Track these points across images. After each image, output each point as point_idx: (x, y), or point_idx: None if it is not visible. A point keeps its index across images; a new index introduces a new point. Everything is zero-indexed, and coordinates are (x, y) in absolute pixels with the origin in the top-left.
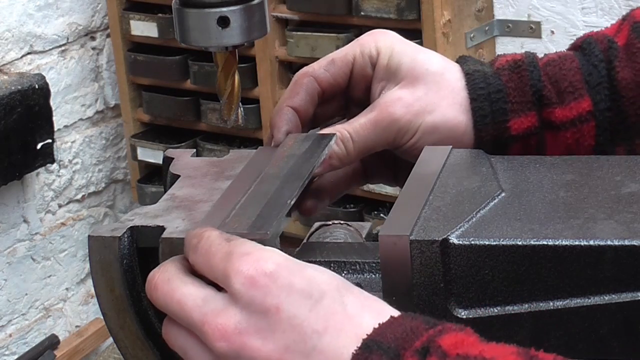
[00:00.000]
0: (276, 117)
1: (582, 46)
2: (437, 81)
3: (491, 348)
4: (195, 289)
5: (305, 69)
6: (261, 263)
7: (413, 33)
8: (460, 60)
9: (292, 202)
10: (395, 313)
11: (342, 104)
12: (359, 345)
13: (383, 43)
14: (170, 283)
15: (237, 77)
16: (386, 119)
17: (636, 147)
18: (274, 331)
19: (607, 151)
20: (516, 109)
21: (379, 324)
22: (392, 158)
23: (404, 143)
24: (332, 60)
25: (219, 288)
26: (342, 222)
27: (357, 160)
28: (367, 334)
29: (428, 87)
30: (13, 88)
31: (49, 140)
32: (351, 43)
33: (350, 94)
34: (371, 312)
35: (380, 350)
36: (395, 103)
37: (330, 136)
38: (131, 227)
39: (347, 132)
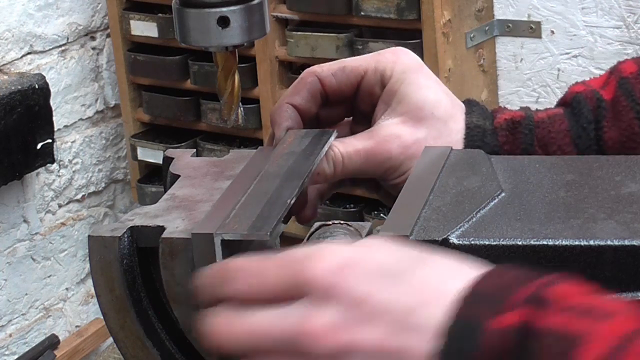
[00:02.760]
0: (276, 113)
1: (572, 104)
2: (438, 128)
3: (607, 302)
4: (262, 312)
5: (313, 68)
6: (331, 258)
7: (413, 33)
8: (467, 107)
9: (292, 202)
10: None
11: (349, 109)
12: (455, 300)
13: (400, 67)
14: (230, 323)
15: (237, 77)
16: (382, 154)
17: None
18: (372, 319)
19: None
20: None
21: (480, 274)
22: None
23: (390, 179)
24: (344, 68)
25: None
26: (342, 222)
27: None
28: (465, 286)
29: (428, 132)
30: (13, 88)
31: (49, 140)
32: (370, 55)
33: (357, 104)
34: (458, 275)
35: (481, 301)
36: (393, 140)
37: (329, 132)
38: (131, 227)
39: (340, 154)
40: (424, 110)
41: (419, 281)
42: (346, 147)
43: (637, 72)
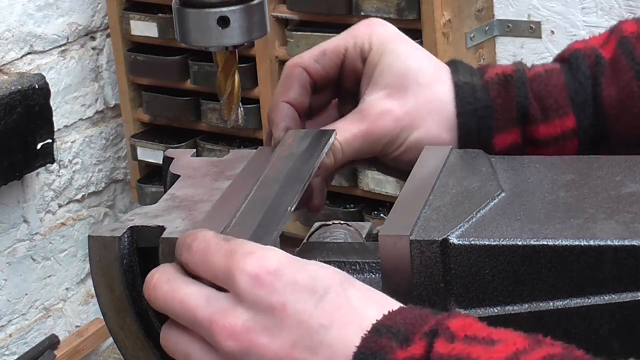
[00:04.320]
0: (273, 113)
1: (569, 60)
2: (426, 94)
3: (499, 332)
4: (198, 288)
5: (295, 60)
6: (265, 261)
7: (413, 33)
8: (452, 67)
9: (292, 209)
10: (400, 305)
11: (335, 93)
12: (368, 329)
13: (377, 38)
14: (170, 283)
15: (237, 77)
16: (376, 133)
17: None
18: (281, 328)
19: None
20: (501, 126)
21: (389, 311)
22: None
23: (388, 154)
24: (324, 52)
25: (217, 288)
26: (342, 222)
27: None
28: (376, 320)
29: (417, 100)
30: (13, 88)
31: (49, 140)
32: (344, 33)
33: (342, 84)
34: (375, 304)
35: (390, 334)
36: (385, 116)
37: (329, 132)
38: (131, 227)
39: (338, 144)
40: (407, 79)
41: (337, 302)
42: (342, 134)
43: (637, 32)
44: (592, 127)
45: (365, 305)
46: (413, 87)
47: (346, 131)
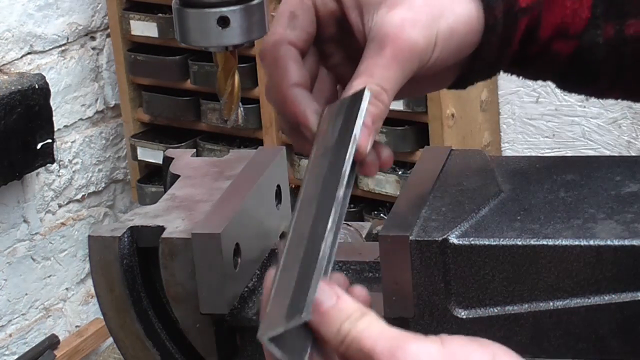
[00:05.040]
0: (287, 106)
1: None
2: None
3: None
4: None
5: (271, 39)
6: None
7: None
8: None
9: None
10: None
11: (320, 51)
12: None
13: None
14: None
15: (237, 77)
16: (405, 49)
17: (625, 29)
18: None
19: (598, 29)
20: None
21: None
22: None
23: (425, 63)
24: (293, 14)
25: None
26: None
27: None
28: None
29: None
30: (13, 88)
31: (49, 140)
32: None
33: (321, 37)
34: None
35: None
36: (403, 28)
37: (360, 93)
38: (131, 227)
39: (375, 85)
40: None
41: None
42: (371, 72)
43: None
44: None
45: None
46: None
47: (373, 67)
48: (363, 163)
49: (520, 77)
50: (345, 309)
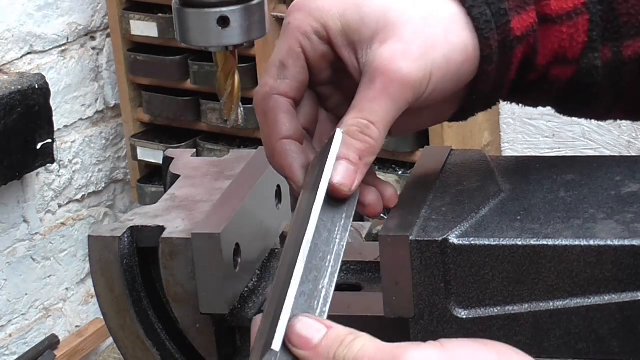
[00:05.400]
0: (276, 160)
1: None
2: (420, 13)
3: None
4: None
5: (260, 91)
6: None
7: None
8: None
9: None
10: None
11: (315, 96)
12: None
13: (320, 14)
14: None
15: (237, 77)
16: (395, 81)
17: (623, 51)
18: None
19: (595, 52)
20: (514, 7)
21: None
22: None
23: (422, 94)
24: (282, 64)
25: None
26: None
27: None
28: None
29: (414, 24)
30: (13, 88)
31: (49, 140)
32: (285, 33)
33: (316, 81)
34: None
35: None
36: (393, 60)
37: (330, 140)
38: (131, 227)
39: (362, 119)
40: (390, 11)
41: None
42: (362, 109)
43: None
44: (599, 2)
45: None
46: (400, 16)
47: (364, 103)
48: (363, 203)
49: (520, 105)
50: (336, 337)
